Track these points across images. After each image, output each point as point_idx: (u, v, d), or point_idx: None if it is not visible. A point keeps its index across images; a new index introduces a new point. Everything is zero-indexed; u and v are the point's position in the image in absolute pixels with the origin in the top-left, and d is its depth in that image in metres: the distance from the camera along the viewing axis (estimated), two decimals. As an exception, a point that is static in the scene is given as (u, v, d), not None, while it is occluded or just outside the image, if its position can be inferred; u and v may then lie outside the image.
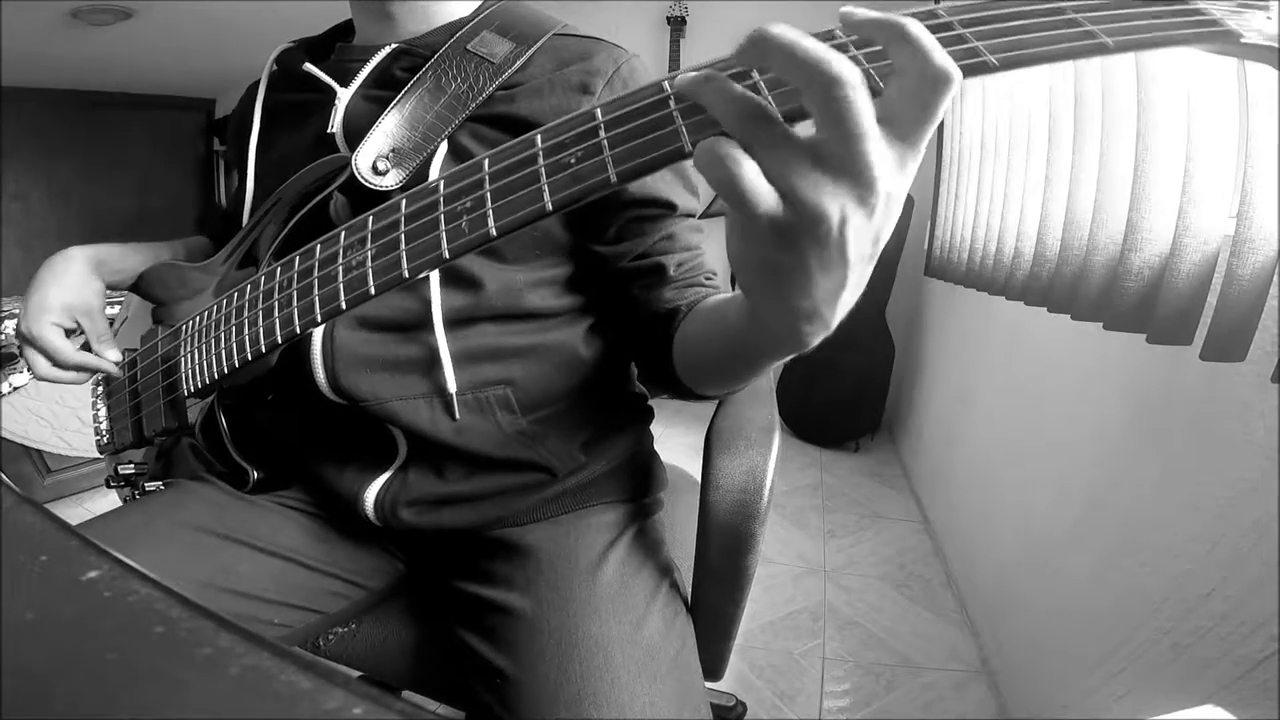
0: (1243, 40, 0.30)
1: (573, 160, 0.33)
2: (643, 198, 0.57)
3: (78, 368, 0.61)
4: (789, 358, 0.39)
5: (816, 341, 0.35)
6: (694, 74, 0.29)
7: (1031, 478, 1.27)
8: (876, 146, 0.27)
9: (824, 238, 0.29)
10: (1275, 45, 0.30)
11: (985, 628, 1.37)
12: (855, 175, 0.27)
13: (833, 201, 0.28)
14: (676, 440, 1.62)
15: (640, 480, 0.69)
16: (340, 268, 0.43)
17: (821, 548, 1.79)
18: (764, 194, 0.28)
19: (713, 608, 0.61)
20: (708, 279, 0.59)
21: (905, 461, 2.36)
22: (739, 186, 0.28)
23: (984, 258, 1.60)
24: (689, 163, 0.31)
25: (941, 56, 0.27)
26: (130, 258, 0.66)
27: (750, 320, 0.38)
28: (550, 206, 0.33)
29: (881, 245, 0.31)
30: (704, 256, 0.60)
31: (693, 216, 0.61)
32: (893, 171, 0.28)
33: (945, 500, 1.84)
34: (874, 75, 0.29)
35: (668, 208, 0.58)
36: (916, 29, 0.27)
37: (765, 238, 0.29)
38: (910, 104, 0.27)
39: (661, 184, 0.57)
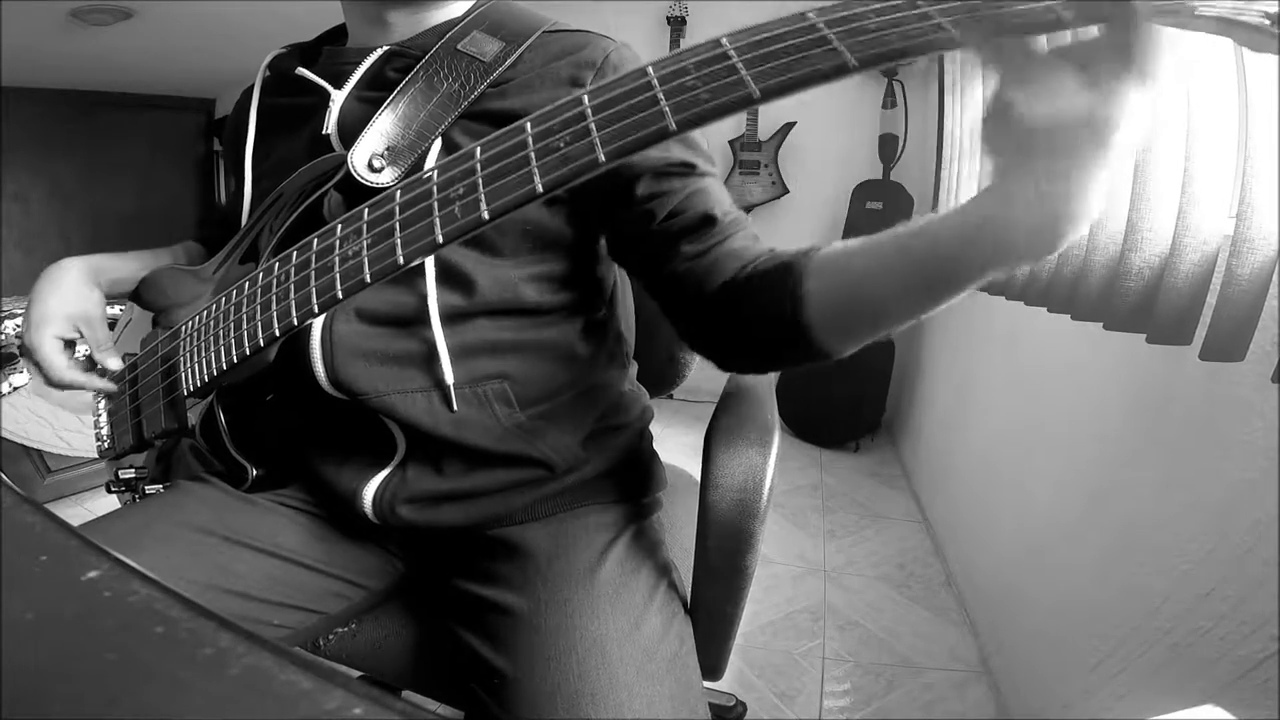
0: (1197, 14, 0.31)
1: (561, 144, 0.34)
2: (660, 164, 0.54)
3: (69, 385, 0.62)
4: (1006, 271, 0.39)
5: (1064, 244, 0.36)
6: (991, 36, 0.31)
7: (1031, 478, 1.28)
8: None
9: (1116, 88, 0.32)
10: (1229, 16, 0.31)
11: (985, 628, 1.37)
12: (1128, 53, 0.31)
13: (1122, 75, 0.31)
14: (676, 440, 1.62)
15: (639, 479, 0.69)
16: (336, 258, 0.43)
17: (821, 548, 1.79)
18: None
19: (712, 607, 0.61)
20: (755, 237, 0.55)
21: (905, 461, 2.36)
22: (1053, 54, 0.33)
23: (984, 258, 1.60)
24: (696, 135, 0.32)
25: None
26: (126, 266, 0.67)
27: (993, 211, 0.37)
28: (540, 188, 0.34)
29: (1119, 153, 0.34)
30: (741, 212, 0.57)
31: (714, 175, 0.58)
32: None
33: (945, 500, 1.84)
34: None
35: (688, 167, 0.55)
36: None
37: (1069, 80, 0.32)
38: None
39: (675, 152, 0.55)
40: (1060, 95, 0.32)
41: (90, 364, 0.65)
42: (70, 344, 0.63)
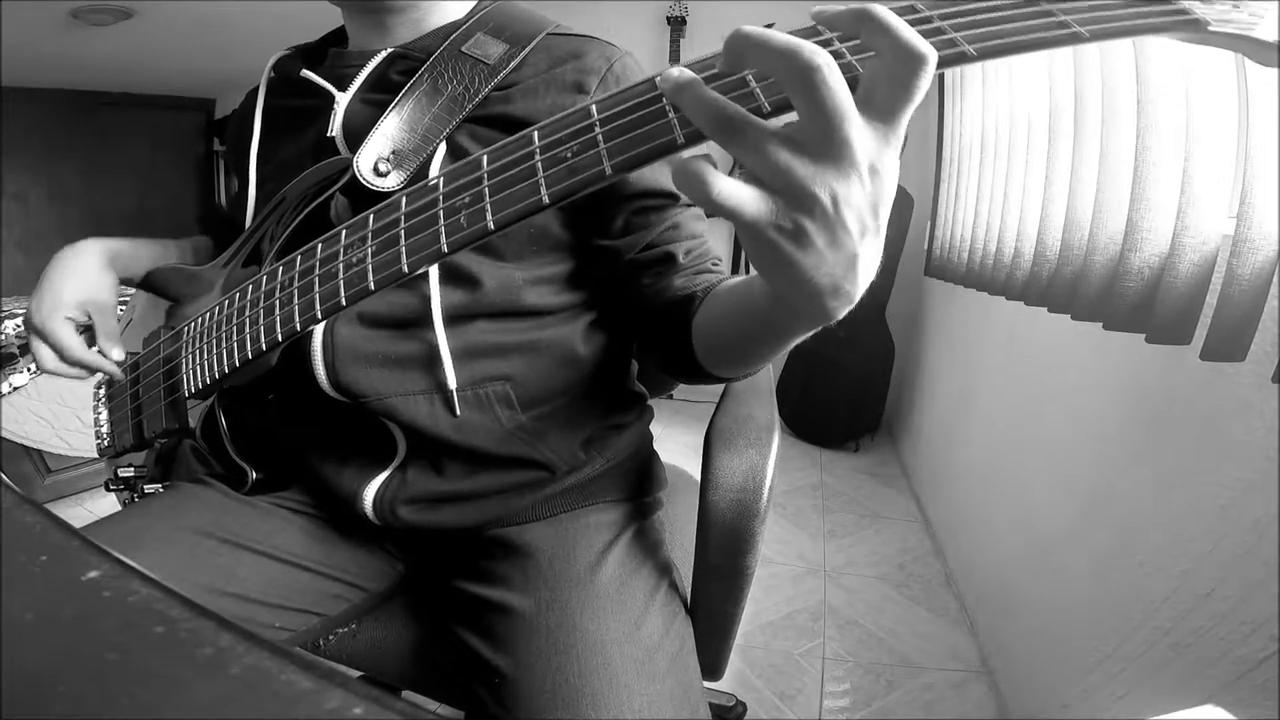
0: (1210, 29, 0.31)
1: (569, 154, 0.34)
2: (645, 190, 0.57)
3: (83, 365, 0.61)
4: (811, 333, 0.40)
5: (844, 313, 0.35)
6: (675, 76, 0.30)
7: (1031, 477, 1.28)
8: (856, 126, 0.28)
9: (821, 218, 0.30)
10: (1241, 33, 0.31)
11: (985, 628, 1.37)
12: (836, 155, 0.29)
13: (820, 185, 0.29)
14: (676, 440, 1.63)
15: (640, 479, 0.69)
16: (341, 265, 0.43)
17: (821, 548, 1.79)
18: (746, 199, 0.29)
19: (712, 607, 0.61)
20: (714, 264, 0.59)
21: (905, 461, 2.36)
22: (717, 201, 0.29)
23: (984, 258, 1.60)
24: (686, 154, 0.32)
25: (913, 36, 0.28)
26: (141, 252, 0.67)
27: (775, 301, 0.38)
28: (547, 199, 0.34)
29: (884, 216, 0.32)
30: (709, 244, 0.60)
31: (694, 206, 0.61)
32: (876, 147, 0.29)
33: (945, 500, 1.84)
34: (855, 65, 0.31)
35: (670, 198, 0.58)
36: (884, 13, 0.28)
37: (767, 234, 0.30)
38: (890, 84, 0.29)
39: (662, 176, 0.58)
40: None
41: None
42: (80, 330, 0.62)
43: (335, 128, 0.58)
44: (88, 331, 0.62)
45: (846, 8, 0.30)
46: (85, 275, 0.61)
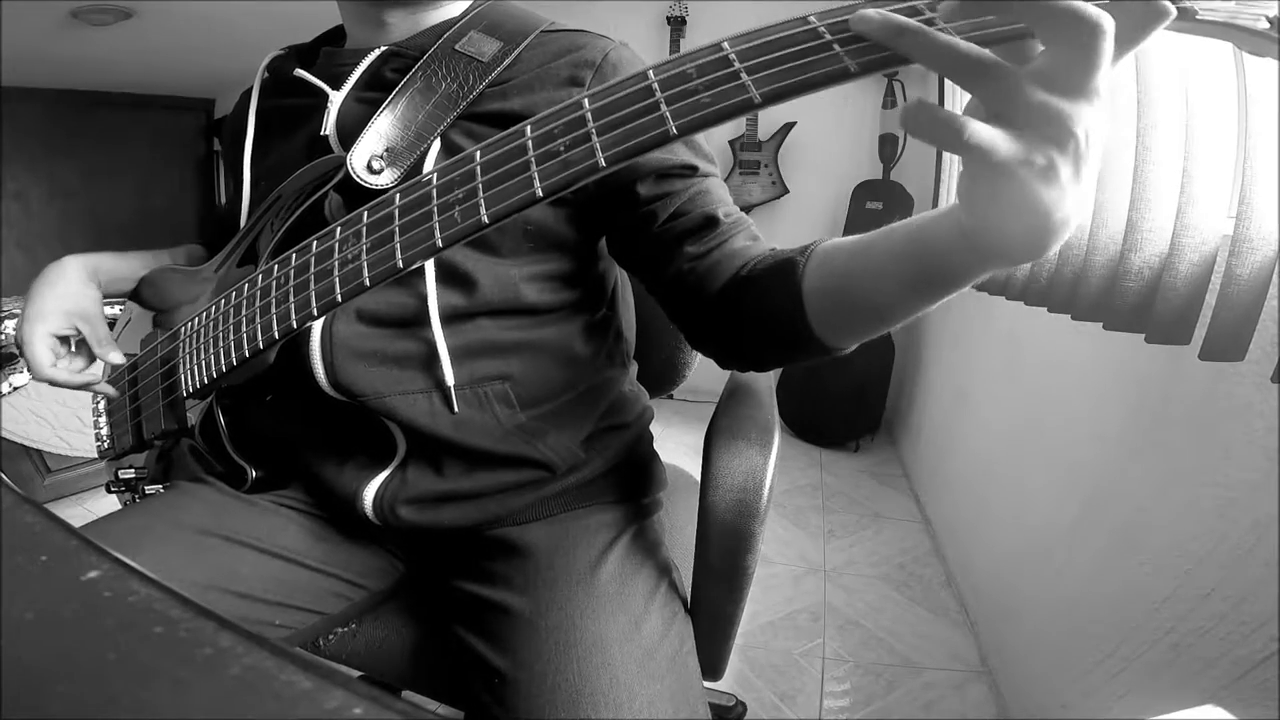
0: (1198, 17, 0.31)
1: (562, 148, 0.34)
2: (662, 166, 0.55)
3: (52, 383, 0.62)
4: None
5: (1055, 247, 0.34)
6: (883, 17, 0.29)
7: (1031, 477, 1.27)
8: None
9: (1073, 153, 0.30)
10: (1229, 20, 0.31)
11: (985, 628, 1.37)
12: (1091, 93, 0.30)
13: (1078, 121, 0.30)
14: (676, 440, 1.62)
15: (639, 480, 0.69)
16: (336, 262, 0.43)
17: (821, 548, 1.79)
18: (998, 139, 0.30)
19: (712, 607, 0.61)
20: (757, 239, 0.55)
21: (905, 461, 2.36)
22: (970, 143, 0.29)
23: (984, 258, 1.60)
24: (697, 137, 0.32)
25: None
26: (125, 265, 0.67)
27: (971, 239, 0.36)
28: (540, 193, 0.34)
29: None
30: (741, 213, 0.57)
31: (716, 176, 0.58)
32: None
33: (945, 500, 1.84)
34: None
35: (690, 169, 0.56)
36: None
37: (1019, 173, 0.30)
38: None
39: (677, 153, 0.56)
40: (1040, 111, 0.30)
41: (90, 359, 0.65)
42: (67, 340, 0.63)
43: (329, 126, 0.58)
44: (82, 344, 0.63)
45: None
46: (67, 289, 0.63)
